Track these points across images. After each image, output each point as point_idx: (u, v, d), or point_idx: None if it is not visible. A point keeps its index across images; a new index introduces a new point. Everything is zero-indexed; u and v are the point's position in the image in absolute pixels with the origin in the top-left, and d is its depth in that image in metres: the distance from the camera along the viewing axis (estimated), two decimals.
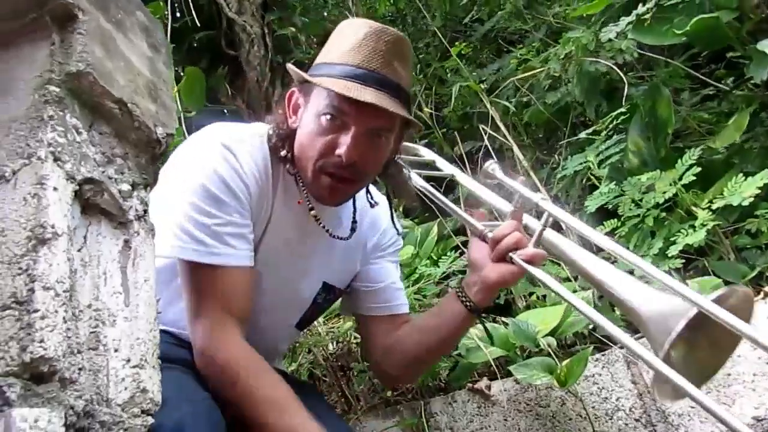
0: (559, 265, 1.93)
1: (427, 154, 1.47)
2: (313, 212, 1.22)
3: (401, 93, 1.14)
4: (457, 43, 3.57)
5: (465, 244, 2.41)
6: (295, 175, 1.21)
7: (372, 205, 1.31)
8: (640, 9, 2.00)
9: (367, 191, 1.30)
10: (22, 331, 0.58)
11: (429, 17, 3.33)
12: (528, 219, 1.17)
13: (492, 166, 1.22)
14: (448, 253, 2.24)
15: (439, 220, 2.53)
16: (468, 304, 1.19)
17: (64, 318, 0.62)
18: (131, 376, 0.71)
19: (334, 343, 1.95)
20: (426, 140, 2.97)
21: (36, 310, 0.59)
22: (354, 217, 1.31)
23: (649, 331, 0.88)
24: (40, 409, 0.56)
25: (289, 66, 1.24)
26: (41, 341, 0.58)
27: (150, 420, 0.70)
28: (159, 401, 0.72)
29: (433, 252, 2.33)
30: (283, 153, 1.20)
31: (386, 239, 1.39)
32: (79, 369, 0.64)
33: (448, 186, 2.80)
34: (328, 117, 1.12)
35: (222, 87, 3.17)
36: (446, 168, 1.41)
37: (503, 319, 1.84)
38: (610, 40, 2.10)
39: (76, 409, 0.60)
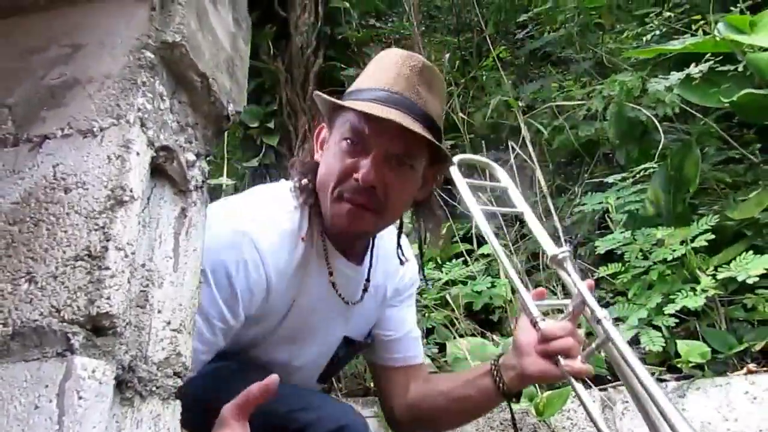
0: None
1: (503, 178, 1.34)
2: (331, 278, 1.17)
3: (427, 119, 1.09)
4: (496, 47, 3.59)
5: (470, 252, 2.46)
6: (311, 207, 1.15)
7: (401, 262, 1.26)
8: (693, 69, 2.03)
9: (398, 246, 1.25)
10: (91, 285, 0.63)
11: (482, 22, 3.35)
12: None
13: (565, 254, 1.12)
14: (453, 260, 2.30)
15: (449, 223, 2.58)
16: (501, 386, 1.15)
17: (128, 279, 0.66)
18: (169, 338, 0.75)
19: None
20: (452, 142, 3.01)
21: (107, 268, 0.64)
22: (368, 276, 1.24)
23: None
24: (97, 360, 0.61)
25: (317, 94, 1.18)
26: (108, 298, 0.63)
27: (180, 382, 0.75)
28: (189, 366, 0.77)
29: (438, 255, 2.38)
30: (305, 181, 1.15)
31: (405, 282, 1.33)
32: (127, 324, 0.69)
33: None
34: (349, 141, 1.09)
35: (265, 45, 3.18)
36: (518, 202, 1.28)
37: (494, 336, 1.90)
38: (657, 90, 2.13)
39: (123, 363, 0.65)
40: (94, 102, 0.75)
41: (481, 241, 2.41)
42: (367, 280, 1.23)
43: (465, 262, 2.30)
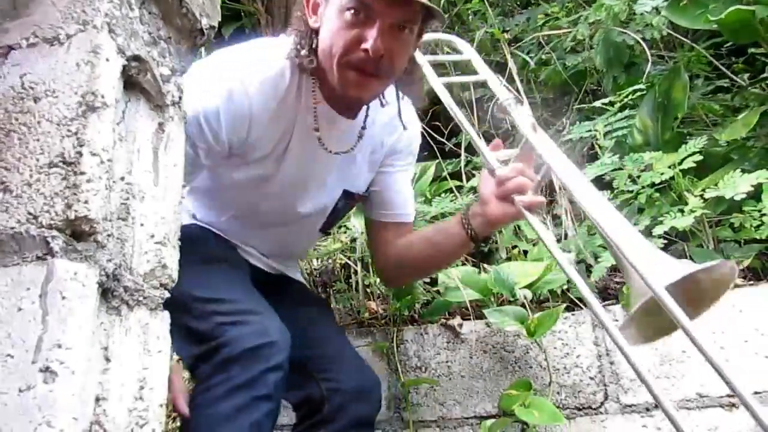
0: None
1: (465, 50, 1.42)
2: (317, 134, 1.28)
3: None
4: None
5: (459, 189, 2.46)
6: (314, 78, 1.24)
7: (382, 105, 1.34)
8: None
9: (399, 111, 1.33)
10: (68, 190, 0.62)
11: None
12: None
13: (509, 101, 1.22)
14: (442, 194, 2.29)
15: (437, 161, 2.56)
16: (470, 231, 1.29)
17: (105, 185, 0.65)
18: (154, 251, 0.75)
19: (320, 260, 2.01)
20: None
21: (83, 173, 0.62)
22: (364, 124, 1.34)
23: (634, 279, 0.95)
24: (79, 263, 0.60)
25: None
26: (85, 202, 0.61)
27: (166, 294, 0.75)
28: (176, 278, 0.77)
29: (428, 191, 2.37)
30: (304, 52, 1.21)
31: (402, 143, 1.44)
32: (109, 235, 0.68)
33: (453, 131, 2.83)
34: (352, 11, 1.13)
35: None
36: (482, 70, 1.35)
37: (485, 265, 1.91)
38: (643, 13, 2.08)
39: (106, 271, 0.64)
40: (59, 9, 0.72)
41: (470, 176, 2.40)
42: (363, 127, 1.33)
43: (455, 197, 2.29)
